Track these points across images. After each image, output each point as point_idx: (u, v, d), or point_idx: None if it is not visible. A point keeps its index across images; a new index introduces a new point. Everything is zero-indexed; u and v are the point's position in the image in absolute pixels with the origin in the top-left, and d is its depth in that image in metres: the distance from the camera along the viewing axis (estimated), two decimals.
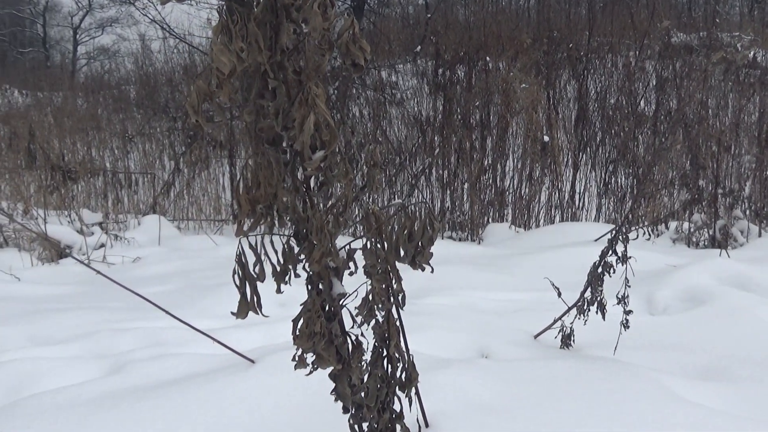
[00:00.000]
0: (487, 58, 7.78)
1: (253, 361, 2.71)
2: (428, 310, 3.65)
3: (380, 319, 1.71)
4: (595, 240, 5.57)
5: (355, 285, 1.68)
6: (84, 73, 24.04)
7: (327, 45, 1.29)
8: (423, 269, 1.43)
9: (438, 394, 2.41)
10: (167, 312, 2.77)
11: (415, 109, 8.97)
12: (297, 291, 1.75)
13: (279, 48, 1.28)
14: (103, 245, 6.29)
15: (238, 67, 1.21)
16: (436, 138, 7.99)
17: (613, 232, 3.05)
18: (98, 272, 2.98)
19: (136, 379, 2.77)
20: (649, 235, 4.30)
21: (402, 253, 1.41)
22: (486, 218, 7.77)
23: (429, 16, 9.43)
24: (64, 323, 3.79)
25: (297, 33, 1.31)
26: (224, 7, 1.21)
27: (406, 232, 1.38)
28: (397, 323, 1.79)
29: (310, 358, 1.47)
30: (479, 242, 6.89)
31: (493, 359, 3.09)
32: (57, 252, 6.08)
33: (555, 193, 7.81)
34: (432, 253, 1.40)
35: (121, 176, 8.79)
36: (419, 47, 8.99)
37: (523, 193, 7.80)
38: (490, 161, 7.88)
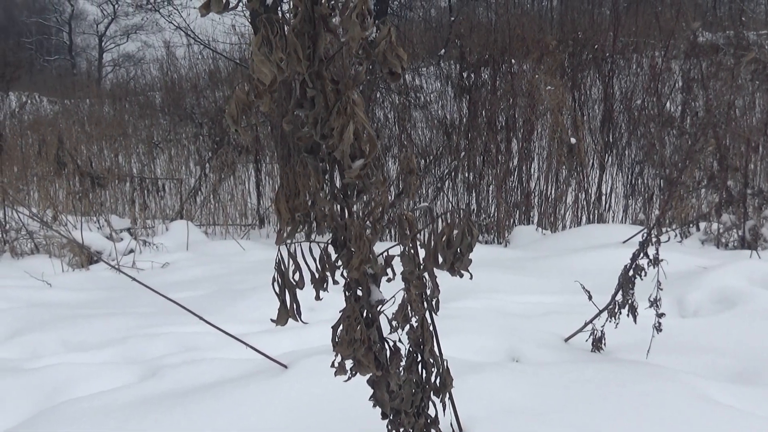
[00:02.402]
0: (512, 61, 7.76)
1: (285, 366, 2.73)
2: (457, 313, 3.66)
3: (414, 324, 1.72)
4: (623, 242, 5.54)
5: (389, 290, 1.69)
6: (110, 80, 24.29)
7: (365, 54, 1.30)
8: (461, 276, 1.44)
9: (470, 398, 2.41)
10: (201, 318, 2.80)
11: (439, 112, 8.97)
12: (326, 296, 1.76)
13: (317, 57, 1.30)
14: (132, 251, 6.35)
15: (278, 77, 1.22)
16: (461, 141, 7.99)
17: (644, 234, 3.04)
18: (133, 279, 3.01)
19: (170, 385, 2.80)
20: (681, 237, 4.27)
21: (440, 260, 1.42)
22: (512, 220, 7.76)
23: (453, 19, 9.43)
24: (96, 329, 3.84)
25: (333, 42, 1.33)
26: (263, 19, 1.23)
27: (444, 238, 1.39)
28: (431, 328, 1.80)
29: (348, 364, 1.49)
30: (506, 245, 6.88)
31: (524, 363, 3.08)
32: (87, 258, 6.15)
33: (581, 195, 7.78)
34: (471, 260, 1.41)
35: (149, 182, 8.87)
36: (443, 50, 8.99)
37: (549, 194, 7.77)
38: (515, 163, 7.86)
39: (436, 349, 1.85)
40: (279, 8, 1.35)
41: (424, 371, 1.79)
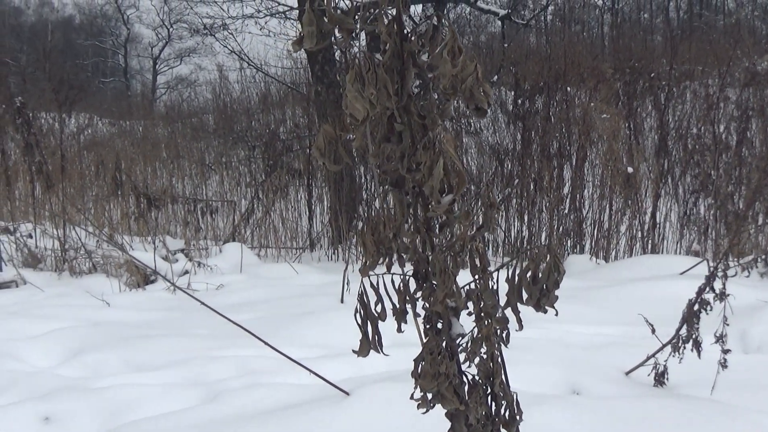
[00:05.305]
0: (568, 89, 7.73)
1: (347, 393, 2.73)
2: (516, 343, 3.61)
3: (484, 356, 1.72)
4: (681, 273, 5.45)
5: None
6: (163, 102, 24.78)
7: (452, 90, 1.32)
8: (545, 312, 1.44)
9: (534, 431, 2.38)
10: (266, 343, 2.83)
11: (489, 138, 8.95)
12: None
13: (405, 93, 1.32)
14: (187, 272, 6.43)
15: (371, 112, 1.24)
16: (514, 168, 7.97)
17: (711, 268, 2.99)
18: (202, 303, 3.06)
19: (232, 409, 2.83)
20: (748, 271, 4.20)
21: (525, 295, 1.42)
22: (563, 248, 7.68)
23: (506, 45, 9.44)
24: (156, 349, 3.89)
25: (423, 78, 1.34)
26: (358, 57, 1.25)
27: (530, 274, 1.39)
28: (500, 360, 1.79)
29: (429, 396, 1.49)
30: None
31: (585, 396, 3.05)
32: (143, 278, 6.24)
33: (635, 224, 7.68)
34: (557, 297, 1.40)
35: (203, 204, 8.99)
36: (496, 77, 9.00)
37: (602, 223, 7.69)
38: (568, 191, 7.80)
39: (505, 381, 1.84)
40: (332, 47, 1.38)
41: (493, 404, 1.78)
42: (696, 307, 3.01)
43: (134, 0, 39.21)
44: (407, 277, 1.44)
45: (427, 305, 1.43)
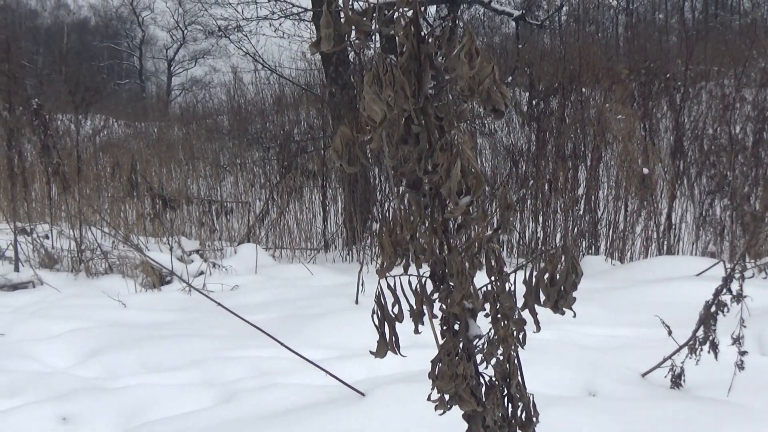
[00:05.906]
0: (583, 89, 7.71)
1: (363, 394, 2.73)
2: (531, 345, 3.60)
3: (500, 358, 1.72)
4: (697, 275, 5.42)
5: None
6: (178, 104, 24.89)
7: (469, 91, 1.32)
8: (563, 313, 1.44)
9: None
10: (283, 344, 2.84)
11: (504, 139, 8.93)
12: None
13: (422, 94, 1.32)
14: (202, 273, 6.45)
15: (388, 114, 1.25)
16: (528, 169, 7.95)
17: (727, 269, 2.98)
18: (219, 304, 3.07)
19: (248, 409, 2.84)
20: (765, 273, 4.17)
21: (543, 297, 1.42)
22: (578, 249, 7.66)
23: (521, 46, 9.42)
24: (172, 350, 3.91)
25: (439, 79, 1.34)
26: (375, 59, 1.25)
27: (547, 276, 1.39)
28: (516, 361, 1.79)
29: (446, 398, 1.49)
30: None
31: (601, 398, 3.04)
32: (159, 279, 6.27)
33: (651, 225, 7.64)
34: (575, 298, 1.40)
35: (218, 204, 9.02)
36: (510, 78, 8.98)
37: (617, 223, 7.66)
38: (583, 192, 7.78)
39: (522, 382, 1.84)
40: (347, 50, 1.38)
41: (510, 405, 1.78)
42: (713, 308, 2.99)
43: (149, 2, 39.53)
44: (424, 279, 1.44)
45: (444, 307, 1.43)
